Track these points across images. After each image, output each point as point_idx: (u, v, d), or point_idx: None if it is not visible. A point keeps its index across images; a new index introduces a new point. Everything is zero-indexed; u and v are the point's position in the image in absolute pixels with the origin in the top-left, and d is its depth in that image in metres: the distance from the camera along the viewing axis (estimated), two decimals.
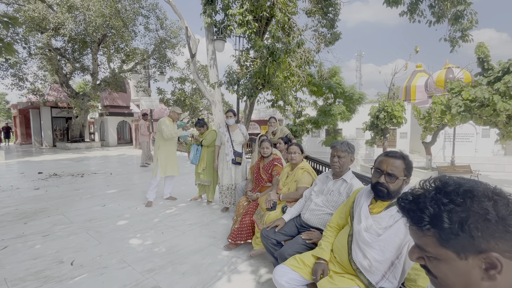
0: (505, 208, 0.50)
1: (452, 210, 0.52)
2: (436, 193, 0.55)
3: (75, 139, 15.14)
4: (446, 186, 0.55)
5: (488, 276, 0.51)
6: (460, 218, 0.51)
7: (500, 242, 0.50)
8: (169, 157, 4.19)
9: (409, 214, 0.58)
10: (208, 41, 6.70)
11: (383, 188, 1.37)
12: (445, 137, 16.32)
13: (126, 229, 3.20)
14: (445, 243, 0.53)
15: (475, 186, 0.54)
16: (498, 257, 0.50)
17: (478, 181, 0.56)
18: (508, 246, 0.50)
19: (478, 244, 0.51)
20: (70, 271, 2.27)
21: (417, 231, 0.57)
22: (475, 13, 5.78)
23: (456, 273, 0.54)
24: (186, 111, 19.33)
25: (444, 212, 0.52)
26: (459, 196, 0.52)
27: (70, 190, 5.13)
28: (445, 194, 0.54)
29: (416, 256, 0.60)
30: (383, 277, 1.35)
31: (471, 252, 0.52)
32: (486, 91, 10.53)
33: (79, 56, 14.08)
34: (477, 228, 0.50)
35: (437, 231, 0.54)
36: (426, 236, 0.56)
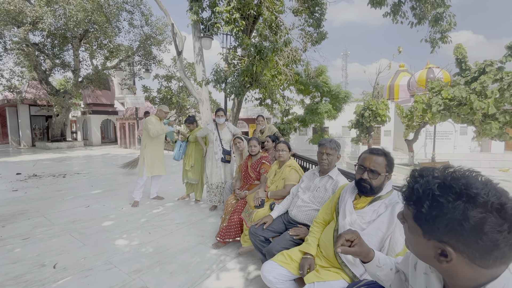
0: (493, 226, 0.53)
1: (436, 202, 0.58)
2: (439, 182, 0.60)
3: (56, 138, 14.56)
4: (453, 181, 0.58)
5: (438, 260, 0.60)
6: (438, 212, 0.57)
7: (461, 244, 0.56)
8: (156, 156, 4.12)
9: (407, 186, 0.67)
10: (195, 38, 6.62)
11: (366, 184, 1.42)
12: (426, 134, 16.94)
13: (111, 230, 3.13)
14: (418, 221, 0.62)
15: (482, 193, 0.55)
16: (451, 252, 0.57)
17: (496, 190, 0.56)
18: (469, 251, 0.55)
19: (441, 235, 0.58)
20: (53, 274, 2.21)
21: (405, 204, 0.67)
22: (453, 15, 6.03)
23: (418, 245, 0.65)
24: (172, 109, 19.00)
25: (428, 200, 0.59)
26: (453, 194, 0.56)
27: (51, 191, 4.95)
28: (443, 187, 0.58)
29: (400, 218, 0.72)
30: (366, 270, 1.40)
31: (434, 238, 0.60)
32: (464, 91, 11.02)
33: (59, 52, 13.51)
34: (447, 225, 0.56)
35: (415, 210, 0.62)
36: (408, 210, 0.65)
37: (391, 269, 1.00)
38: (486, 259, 0.55)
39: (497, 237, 0.53)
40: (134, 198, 4.08)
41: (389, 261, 1.03)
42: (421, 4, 5.92)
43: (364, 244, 1.00)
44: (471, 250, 0.55)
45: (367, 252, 1.00)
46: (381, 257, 1.02)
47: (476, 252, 0.55)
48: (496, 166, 15.72)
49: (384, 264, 1.00)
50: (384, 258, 1.02)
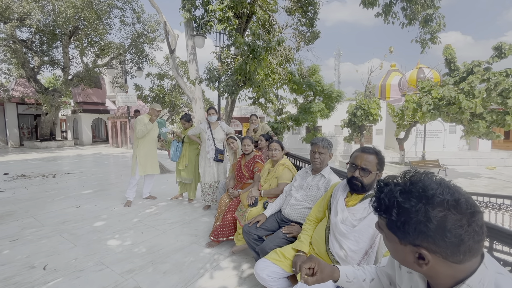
0: (453, 222, 0.56)
1: (402, 208, 0.61)
2: (400, 189, 0.63)
3: (45, 137, 14.23)
4: (413, 186, 0.62)
5: (418, 263, 0.63)
6: (405, 217, 0.60)
7: (431, 244, 0.59)
8: (149, 155, 4.08)
9: (375, 197, 0.69)
10: (188, 36, 6.57)
11: (358, 182, 1.45)
12: (417, 133, 17.28)
13: (103, 230, 3.10)
14: (392, 229, 0.65)
15: (438, 193, 0.59)
16: (426, 254, 0.60)
17: (449, 188, 0.60)
18: (440, 250, 0.58)
19: (413, 239, 0.61)
20: (43, 276, 2.17)
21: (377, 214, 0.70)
22: (442, 16, 6.15)
23: (397, 251, 0.68)
24: (165, 108, 18.82)
25: (395, 208, 0.62)
26: (415, 199, 0.60)
27: (40, 191, 4.85)
28: (404, 193, 0.62)
29: (377, 227, 0.74)
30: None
31: (409, 243, 0.62)
32: (453, 90, 11.28)
33: (48, 49, 13.18)
34: (415, 229, 0.59)
35: (387, 219, 0.65)
36: (381, 219, 0.68)
37: (363, 280, 1.01)
38: (456, 255, 0.58)
39: (459, 232, 0.56)
40: (127, 198, 4.04)
41: (361, 272, 1.03)
42: (412, 5, 6.02)
43: (325, 268, 0.99)
44: (442, 249, 0.58)
45: (330, 275, 1.00)
46: (348, 272, 1.02)
47: (447, 250, 0.58)
48: (483, 164, 16.16)
49: (355, 278, 1.01)
50: (352, 272, 1.02)
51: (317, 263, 1.00)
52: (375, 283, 1.01)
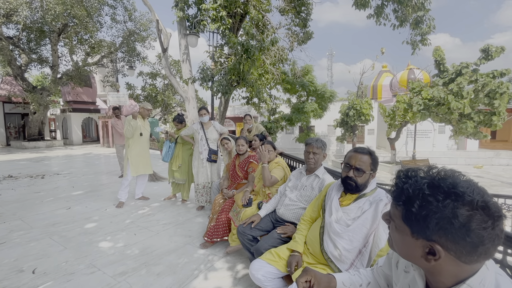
0: (479, 222, 0.55)
1: (426, 202, 0.59)
2: (427, 182, 0.61)
3: (33, 137, 13.87)
4: (441, 181, 0.60)
5: (426, 258, 0.61)
6: (428, 210, 0.58)
7: (450, 242, 0.57)
8: (141, 155, 4.02)
9: (395, 186, 0.67)
10: (181, 35, 6.51)
11: (352, 181, 1.46)
12: (407, 133, 17.59)
13: (95, 232, 3.04)
14: (406, 221, 0.63)
15: (468, 192, 0.57)
16: (440, 250, 0.59)
17: (479, 189, 0.59)
18: (456, 248, 0.57)
19: (431, 234, 0.59)
20: (32, 280, 2.12)
21: (393, 204, 0.68)
22: (432, 19, 6.28)
23: (405, 244, 0.66)
24: (158, 107, 18.61)
25: (419, 200, 0.60)
26: (442, 194, 0.58)
27: (28, 193, 4.72)
28: (432, 187, 0.60)
29: (385, 218, 0.73)
30: (351, 265, 1.44)
31: (423, 237, 0.60)
32: (442, 91, 11.53)
33: (36, 46, 12.84)
34: (437, 224, 0.57)
35: (405, 209, 0.63)
36: (397, 209, 0.66)
37: (360, 285, 1.01)
38: (472, 255, 0.57)
39: (482, 233, 0.55)
40: (119, 199, 3.98)
41: (357, 278, 1.03)
42: (403, 7, 6.12)
43: (322, 279, 0.99)
44: (459, 248, 0.57)
45: (327, 285, 0.99)
46: (345, 280, 1.01)
47: (463, 249, 0.57)
48: (471, 163, 16.57)
49: (351, 284, 1.01)
50: (349, 278, 1.02)
51: (313, 275, 0.98)
52: (371, 286, 1.01)
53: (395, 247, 0.70)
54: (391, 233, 0.70)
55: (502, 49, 11.24)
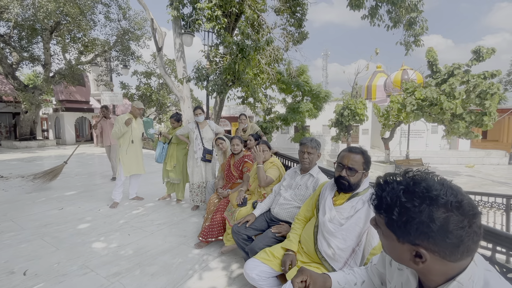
0: (456, 223, 0.57)
1: (405, 208, 0.61)
2: (403, 188, 0.62)
3: (25, 137, 13.62)
4: (416, 186, 0.62)
5: (414, 261, 0.64)
6: (408, 216, 0.60)
7: (431, 244, 0.59)
8: (133, 155, 3.98)
9: (375, 195, 0.69)
10: (176, 34, 6.48)
11: (345, 181, 1.48)
12: (401, 133, 17.80)
13: (88, 232, 3.01)
14: (391, 228, 0.65)
15: (441, 194, 0.59)
16: (424, 253, 0.61)
17: (452, 189, 0.60)
18: (438, 249, 0.59)
19: (413, 239, 0.61)
20: (23, 281, 2.08)
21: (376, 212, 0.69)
22: (425, 20, 6.37)
23: (393, 249, 0.68)
24: (152, 107, 18.48)
25: (397, 207, 0.62)
26: (419, 199, 0.60)
27: (20, 193, 4.65)
28: (407, 193, 0.61)
29: (373, 224, 0.74)
30: (345, 264, 1.46)
31: (408, 242, 0.63)
32: (435, 92, 11.70)
33: (28, 44, 12.60)
34: (417, 229, 0.59)
35: (386, 218, 0.65)
36: (380, 217, 0.68)
37: (355, 284, 1.02)
38: (455, 254, 0.59)
39: (460, 233, 0.57)
40: (114, 199, 3.94)
41: (351, 277, 1.04)
42: (396, 9, 6.20)
43: (318, 279, 1.00)
44: (441, 249, 0.59)
45: (323, 285, 1.00)
46: (340, 279, 1.03)
47: (445, 250, 0.59)
48: (463, 163, 16.85)
49: (346, 283, 1.02)
50: (343, 277, 1.03)
51: (309, 275, 0.99)
52: (366, 285, 1.02)
53: (386, 251, 0.73)
54: (380, 238, 0.72)
55: (493, 51, 11.46)
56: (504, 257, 2.80)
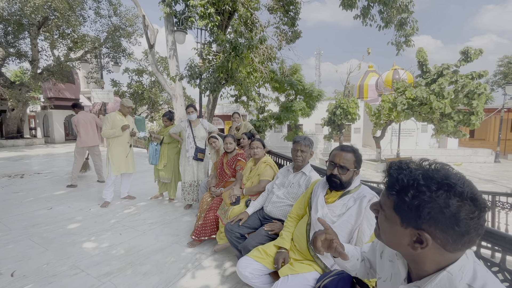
0: (468, 213, 0.58)
1: (420, 191, 0.61)
2: (421, 173, 0.63)
3: (12, 135, 13.25)
4: (434, 173, 0.63)
5: (412, 246, 0.64)
6: (421, 200, 0.60)
7: (438, 231, 0.60)
8: (123, 154, 3.91)
9: (389, 176, 0.68)
10: (168, 31, 6.40)
11: (336, 179, 1.50)
12: (392, 132, 18.09)
13: (78, 232, 2.96)
14: (397, 210, 0.65)
15: (459, 183, 0.60)
16: (428, 238, 0.61)
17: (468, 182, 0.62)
18: (443, 237, 0.60)
19: (421, 223, 0.61)
20: (11, 283, 2.04)
21: (385, 193, 0.68)
22: (416, 21, 6.49)
23: (393, 233, 0.68)
24: (144, 105, 18.23)
25: (413, 189, 0.62)
26: (435, 184, 0.60)
27: (7, 193, 4.52)
28: (426, 178, 0.62)
29: (373, 208, 0.74)
30: None
31: (412, 226, 0.63)
32: (425, 91, 11.92)
33: (14, 40, 12.23)
34: (429, 213, 0.60)
35: (397, 199, 0.64)
36: (388, 199, 0.67)
37: (357, 259, 1.06)
38: (457, 243, 0.60)
39: (469, 223, 0.58)
40: (105, 199, 3.88)
41: (356, 252, 1.08)
42: (388, 9, 6.29)
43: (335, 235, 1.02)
44: (446, 236, 0.60)
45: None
46: (349, 250, 1.06)
47: (450, 238, 0.60)
48: (451, 161, 17.25)
49: (352, 256, 1.05)
50: (352, 250, 1.07)
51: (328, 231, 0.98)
52: (363, 263, 1.06)
53: (382, 236, 0.72)
54: (380, 222, 0.72)
55: (481, 52, 11.75)
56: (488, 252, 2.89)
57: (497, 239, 1.21)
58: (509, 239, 1.16)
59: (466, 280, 0.61)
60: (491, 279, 0.62)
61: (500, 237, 1.20)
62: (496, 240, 1.21)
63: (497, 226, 4.46)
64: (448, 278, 0.63)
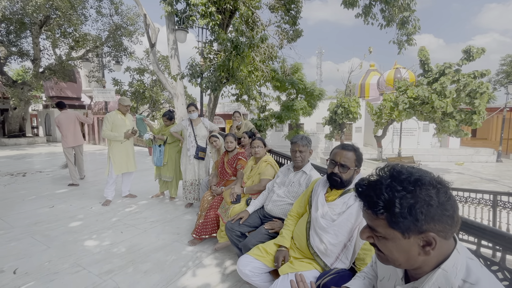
0: (444, 195, 0.61)
1: (404, 196, 0.61)
2: (392, 180, 0.63)
3: (14, 134, 13.31)
4: (400, 175, 0.64)
5: (424, 252, 0.63)
6: (409, 204, 0.60)
7: (437, 223, 0.61)
8: (124, 153, 3.93)
9: (366, 199, 0.66)
10: (169, 30, 6.40)
11: (337, 178, 1.50)
12: (393, 131, 18.04)
13: (79, 230, 2.97)
14: (394, 225, 0.63)
15: (423, 175, 0.63)
16: (434, 236, 0.61)
17: (424, 170, 0.65)
18: (442, 227, 0.61)
19: (420, 225, 0.61)
20: (13, 280, 2.05)
21: (372, 215, 0.66)
22: (418, 19, 6.45)
23: (399, 250, 0.65)
24: (145, 103, 18.27)
25: (397, 199, 0.61)
26: (410, 184, 0.61)
27: (9, 191, 4.55)
28: (399, 182, 0.62)
29: (366, 236, 0.70)
30: (337, 259, 1.49)
31: (413, 233, 0.62)
32: (426, 90, 11.87)
33: (16, 39, 12.25)
34: (422, 212, 0.60)
35: (389, 214, 0.62)
36: (379, 219, 0.65)
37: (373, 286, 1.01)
38: (453, 226, 0.62)
39: (450, 203, 0.61)
40: (106, 197, 3.90)
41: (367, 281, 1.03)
42: (390, 7, 6.26)
43: None
44: (444, 225, 0.61)
45: None
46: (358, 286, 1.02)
47: (446, 225, 0.61)
48: (453, 160, 17.19)
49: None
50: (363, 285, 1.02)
51: None
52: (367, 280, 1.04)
53: (390, 259, 0.67)
54: (382, 248, 0.67)
55: (483, 50, 11.67)
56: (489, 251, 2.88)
57: (497, 238, 1.20)
58: (509, 238, 1.16)
59: (460, 276, 0.62)
60: (485, 274, 0.63)
61: (500, 236, 1.20)
62: (496, 239, 1.21)
63: (498, 226, 4.44)
64: (444, 276, 0.63)
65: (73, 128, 5.02)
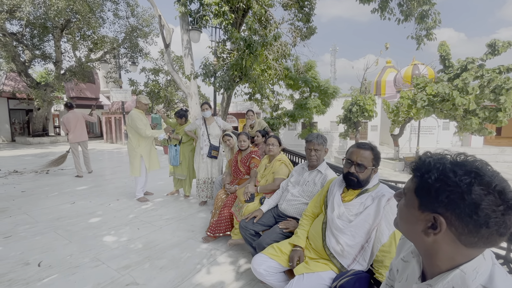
0: (490, 204, 0.54)
1: (444, 176, 0.59)
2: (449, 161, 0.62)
3: (38, 133, 13.99)
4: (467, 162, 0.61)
5: (426, 232, 0.62)
6: (443, 184, 0.58)
7: (455, 217, 0.57)
8: (152, 152, 4.09)
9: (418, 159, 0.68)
10: (183, 31, 6.49)
11: (354, 177, 1.46)
12: (411, 129, 17.44)
13: (99, 226, 3.08)
14: (419, 193, 0.63)
15: (489, 175, 0.57)
16: (443, 223, 0.58)
17: (502, 178, 0.58)
18: (459, 225, 0.57)
19: (437, 206, 0.59)
20: (38, 272, 2.15)
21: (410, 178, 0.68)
22: (438, 13, 6.18)
23: (409, 218, 0.67)
24: (160, 103, 18.63)
25: (437, 172, 0.60)
26: (464, 171, 0.58)
27: (34, 187, 4.78)
28: (454, 164, 0.60)
29: (397, 195, 0.73)
30: (354, 260, 1.45)
31: (429, 210, 0.61)
32: (447, 87, 11.37)
33: (39, 42, 12.87)
34: (448, 196, 0.57)
35: (420, 181, 0.63)
36: (412, 182, 0.66)
37: None
38: (473, 235, 0.56)
39: (490, 215, 0.54)
40: (138, 196, 4.05)
41: None
42: (408, 1, 6.03)
43: None
44: (462, 224, 0.56)
45: None
46: None
47: (466, 227, 0.56)
48: None
49: None
50: None
51: None
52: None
53: (399, 224, 0.72)
54: (399, 209, 0.71)
55: (509, 44, 11.04)
56: None
57: None
58: None
59: (480, 281, 0.57)
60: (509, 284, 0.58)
61: None
62: None
63: None
64: (461, 277, 0.59)
65: (79, 126, 5.65)
